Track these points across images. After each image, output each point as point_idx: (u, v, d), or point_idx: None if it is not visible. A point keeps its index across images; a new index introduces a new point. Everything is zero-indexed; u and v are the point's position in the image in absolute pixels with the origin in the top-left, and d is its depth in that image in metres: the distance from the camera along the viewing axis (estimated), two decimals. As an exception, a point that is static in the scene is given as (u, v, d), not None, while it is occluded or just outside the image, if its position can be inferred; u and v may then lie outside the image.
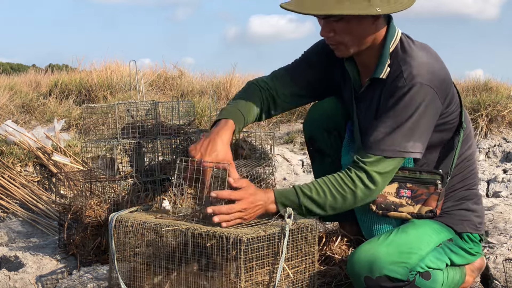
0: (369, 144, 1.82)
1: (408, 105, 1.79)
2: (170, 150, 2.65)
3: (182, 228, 1.67)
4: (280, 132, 6.90)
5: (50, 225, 3.37)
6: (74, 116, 6.10)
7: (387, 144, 1.80)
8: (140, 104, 2.60)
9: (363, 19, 1.81)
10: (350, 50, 1.89)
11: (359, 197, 1.81)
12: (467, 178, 2.01)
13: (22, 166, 4.22)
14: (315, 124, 2.22)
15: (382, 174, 1.81)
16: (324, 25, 1.84)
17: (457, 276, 1.97)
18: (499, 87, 7.23)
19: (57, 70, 9.14)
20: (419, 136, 1.81)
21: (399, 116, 1.80)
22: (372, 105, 1.93)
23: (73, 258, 2.57)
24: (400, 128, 1.79)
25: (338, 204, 1.80)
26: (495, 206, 3.71)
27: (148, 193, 2.58)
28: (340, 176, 1.82)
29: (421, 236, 1.86)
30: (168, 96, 7.36)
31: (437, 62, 1.87)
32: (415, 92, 1.79)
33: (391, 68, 1.86)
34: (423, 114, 1.80)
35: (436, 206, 1.90)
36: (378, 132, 1.82)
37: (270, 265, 1.66)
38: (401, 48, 1.88)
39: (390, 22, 1.91)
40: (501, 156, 5.94)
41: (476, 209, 2.01)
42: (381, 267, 1.72)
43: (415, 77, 1.79)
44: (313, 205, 1.80)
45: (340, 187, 1.80)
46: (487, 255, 2.50)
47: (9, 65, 22.09)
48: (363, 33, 1.85)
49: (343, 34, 1.84)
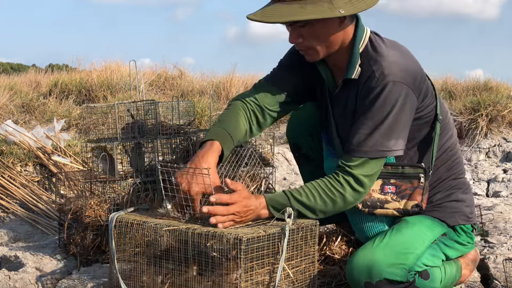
0: (352, 147, 1.84)
1: (383, 104, 1.81)
2: (170, 150, 2.65)
3: (182, 228, 1.67)
4: (280, 132, 6.91)
5: (50, 225, 3.37)
6: (74, 116, 6.10)
7: (369, 145, 1.81)
8: (140, 104, 2.60)
9: (327, 22, 1.83)
10: (319, 54, 1.90)
11: (348, 200, 1.83)
12: (453, 168, 2.03)
13: (22, 166, 4.21)
14: (298, 130, 2.25)
15: (368, 176, 1.83)
16: (291, 32, 1.86)
17: (453, 270, 1.99)
18: (499, 87, 7.24)
19: (57, 70, 9.14)
20: (398, 133, 1.83)
21: (376, 116, 1.81)
22: (348, 106, 1.94)
23: (73, 258, 2.57)
24: (380, 127, 1.81)
25: (328, 208, 1.82)
26: (495, 206, 3.71)
27: (148, 193, 2.58)
28: (329, 180, 1.83)
29: (415, 234, 1.87)
30: (168, 96, 7.36)
31: (408, 58, 1.88)
32: (389, 91, 1.80)
33: (362, 67, 1.88)
34: (400, 111, 1.81)
35: (421, 200, 1.92)
36: (359, 134, 1.83)
37: (270, 265, 1.66)
38: (371, 46, 1.89)
39: (358, 22, 1.92)
40: (501, 156, 5.93)
41: (466, 199, 2.03)
42: (380, 271, 1.73)
43: (386, 76, 1.81)
44: (304, 209, 1.81)
45: (330, 191, 1.81)
46: (487, 255, 2.50)
47: (9, 65, 22.09)
48: (329, 36, 1.86)
49: (310, 39, 1.85)
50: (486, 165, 5.63)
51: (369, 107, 1.83)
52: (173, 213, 1.85)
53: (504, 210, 3.53)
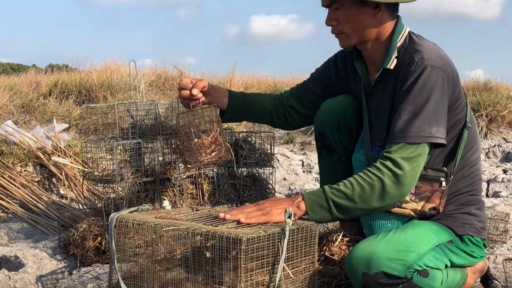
0: (394, 135, 1.83)
1: (422, 88, 1.81)
2: (170, 150, 2.65)
3: (182, 228, 1.67)
4: (280, 132, 6.90)
5: (50, 225, 3.37)
6: (74, 116, 6.10)
7: (412, 130, 1.80)
8: (140, 104, 2.60)
9: (361, 9, 1.90)
10: (351, 40, 1.97)
11: (387, 184, 1.78)
12: (473, 184, 2.00)
13: (22, 166, 4.21)
14: (326, 119, 2.23)
15: (407, 159, 1.79)
16: (328, 14, 1.95)
17: (458, 277, 1.96)
18: (499, 87, 7.24)
19: (57, 70, 9.14)
20: (439, 120, 1.82)
21: (416, 101, 1.82)
22: (384, 98, 1.95)
23: (73, 258, 2.57)
24: (420, 112, 1.81)
25: (366, 194, 1.77)
26: (495, 206, 3.71)
27: (148, 193, 2.58)
28: (367, 168, 1.82)
29: (419, 235, 1.86)
30: (168, 96, 7.36)
31: (447, 56, 1.91)
32: (427, 74, 1.82)
33: (399, 59, 1.91)
34: (439, 97, 1.82)
35: (439, 204, 1.90)
36: (400, 121, 1.83)
37: (270, 265, 1.66)
38: (409, 41, 1.93)
39: (399, 20, 1.97)
40: (501, 156, 5.94)
41: (479, 215, 2.00)
42: (379, 263, 1.72)
43: (426, 60, 1.83)
44: (342, 198, 1.78)
45: (367, 176, 1.79)
46: (487, 255, 2.50)
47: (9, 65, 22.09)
48: (362, 24, 1.93)
49: (344, 23, 1.93)
50: (486, 165, 5.63)
51: (408, 92, 1.83)
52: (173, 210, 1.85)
53: (504, 210, 3.53)
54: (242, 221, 1.70)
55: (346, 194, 1.78)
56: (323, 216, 1.80)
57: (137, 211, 1.97)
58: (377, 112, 2.00)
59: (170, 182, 2.67)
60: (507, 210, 3.56)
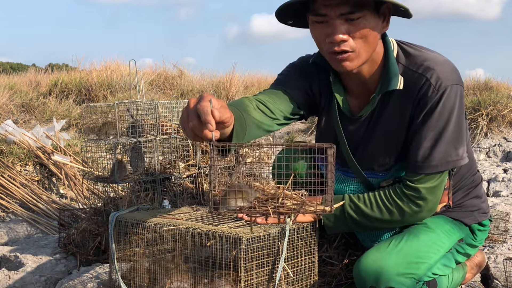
0: (418, 164, 1.71)
1: (443, 111, 1.69)
2: (170, 150, 2.65)
3: (182, 228, 1.67)
4: (280, 132, 6.90)
5: (50, 225, 3.37)
6: (74, 116, 6.10)
7: (436, 158, 1.70)
8: (140, 104, 2.60)
9: (378, 22, 1.67)
10: (359, 60, 1.69)
11: (407, 213, 1.74)
12: (471, 163, 1.95)
13: (22, 165, 4.21)
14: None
15: (431, 189, 1.73)
16: (338, 25, 1.62)
17: (460, 275, 1.96)
18: (499, 87, 7.24)
19: (57, 70, 9.13)
20: (462, 139, 1.74)
21: (437, 125, 1.69)
22: (387, 121, 1.78)
23: (73, 258, 2.57)
24: (443, 137, 1.70)
25: (384, 217, 1.74)
26: (496, 205, 3.71)
27: (148, 192, 2.58)
28: (389, 190, 1.76)
29: (433, 243, 1.81)
30: (168, 96, 7.36)
31: (452, 63, 1.78)
32: (447, 97, 1.69)
33: (404, 77, 1.74)
34: (458, 114, 1.72)
35: (448, 199, 1.87)
36: (423, 149, 1.70)
37: (270, 265, 1.66)
38: (404, 54, 1.77)
39: (385, 35, 1.78)
40: (502, 155, 5.93)
41: (482, 194, 2.00)
42: (388, 279, 1.67)
43: (443, 80, 1.68)
44: (359, 214, 1.74)
45: (387, 200, 1.74)
46: (487, 255, 2.50)
47: (9, 64, 22.07)
48: (375, 40, 1.69)
49: (358, 38, 1.64)
50: (486, 164, 5.62)
51: (428, 117, 1.69)
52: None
53: (505, 209, 3.53)
54: (259, 221, 1.68)
55: (364, 213, 1.75)
56: (337, 226, 1.77)
57: (137, 210, 1.96)
58: (371, 137, 1.83)
59: (170, 182, 2.66)
60: (508, 209, 3.55)
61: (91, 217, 2.64)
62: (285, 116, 1.85)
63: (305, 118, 1.97)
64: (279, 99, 1.84)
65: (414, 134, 1.73)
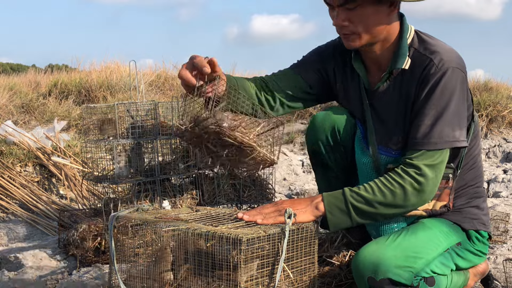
0: (417, 141, 1.78)
1: (444, 91, 1.77)
2: (169, 150, 2.65)
3: (182, 228, 1.67)
4: (280, 132, 6.89)
5: (50, 225, 3.37)
6: (73, 116, 6.10)
7: (435, 136, 1.77)
8: (140, 104, 2.60)
9: (378, 8, 1.80)
10: (361, 41, 1.85)
11: (409, 192, 1.75)
12: (478, 176, 1.99)
13: (22, 166, 4.21)
14: (318, 137, 2.14)
15: (431, 166, 1.76)
16: (339, 13, 1.81)
17: (460, 280, 1.95)
18: (499, 87, 7.24)
19: (57, 70, 9.12)
20: (461, 123, 1.80)
21: (438, 104, 1.77)
22: (395, 99, 1.89)
23: (73, 258, 2.57)
24: (443, 116, 1.77)
25: (387, 200, 1.75)
26: (495, 206, 3.71)
27: (148, 193, 2.58)
28: (389, 173, 1.78)
29: (430, 239, 1.82)
30: (168, 96, 7.36)
31: (460, 55, 1.87)
32: (448, 77, 1.78)
33: (413, 59, 1.85)
34: (459, 98, 1.79)
35: (449, 200, 1.89)
36: (423, 126, 1.78)
37: (270, 265, 1.66)
38: (418, 40, 1.88)
39: (403, 18, 1.91)
40: (501, 156, 5.93)
41: (484, 208, 2.01)
42: (386, 270, 1.69)
43: (446, 62, 1.79)
44: (361, 202, 1.75)
45: (388, 182, 1.76)
46: (487, 255, 2.50)
47: (9, 65, 22.07)
48: (377, 24, 1.82)
49: (358, 23, 1.81)
50: (486, 165, 5.63)
51: (429, 96, 1.78)
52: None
53: (504, 210, 3.53)
54: (259, 222, 1.68)
55: (367, 199, 1.75)
56: (342, 220, 1.77)
57: (137, 211, 1.96)
58: (386, 113, 1.93)
59: (170, 182, 2.67)
60: (507, 210, 3.55)
61: (91, 217, 2.65)
62: (291, 95, 2.07)
63: (320, 101, 2.15)
64: (286, 78, 2.07)
65: (416, 112, 1.81)
